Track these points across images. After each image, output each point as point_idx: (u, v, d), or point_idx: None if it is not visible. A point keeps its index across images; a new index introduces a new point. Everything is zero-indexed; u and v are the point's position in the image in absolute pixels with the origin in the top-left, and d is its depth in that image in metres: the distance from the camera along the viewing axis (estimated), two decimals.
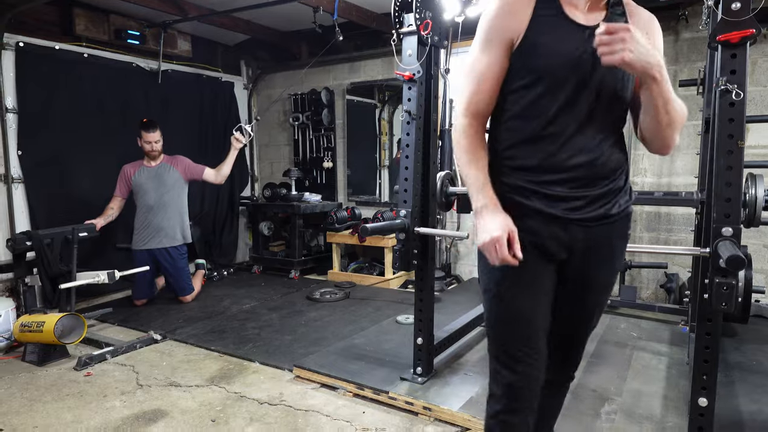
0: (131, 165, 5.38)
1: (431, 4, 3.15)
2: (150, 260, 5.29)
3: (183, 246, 5.53)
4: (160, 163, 5.41)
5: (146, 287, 5.41)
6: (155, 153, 5.33)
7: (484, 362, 3.66)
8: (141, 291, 5.38)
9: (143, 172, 5.34)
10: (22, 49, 5.07)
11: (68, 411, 3.18)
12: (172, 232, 5.41)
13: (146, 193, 5.30)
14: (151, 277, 5.41)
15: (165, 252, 5.36)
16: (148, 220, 5.31)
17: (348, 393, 3.34)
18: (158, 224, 5.32)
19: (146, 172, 5.35)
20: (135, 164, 5.39)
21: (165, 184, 5.37)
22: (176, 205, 5.47)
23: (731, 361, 3.70)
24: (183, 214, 5.55)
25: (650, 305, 4.82)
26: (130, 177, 5.33)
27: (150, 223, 5.31)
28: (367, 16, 5.91)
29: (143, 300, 5.40)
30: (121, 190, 5.36)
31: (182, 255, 5.50)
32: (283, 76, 7.58)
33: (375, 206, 6.96)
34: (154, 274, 5.45)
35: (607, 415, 2.94)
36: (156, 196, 5.32)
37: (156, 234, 5.32)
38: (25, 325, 3.97)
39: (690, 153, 4.95)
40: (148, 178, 5.33)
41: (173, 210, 5.43)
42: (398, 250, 3.19)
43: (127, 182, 5.34)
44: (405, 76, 3.13)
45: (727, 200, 2.27)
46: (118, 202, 5.36)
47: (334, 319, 4.88)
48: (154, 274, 5.45)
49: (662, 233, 5.16)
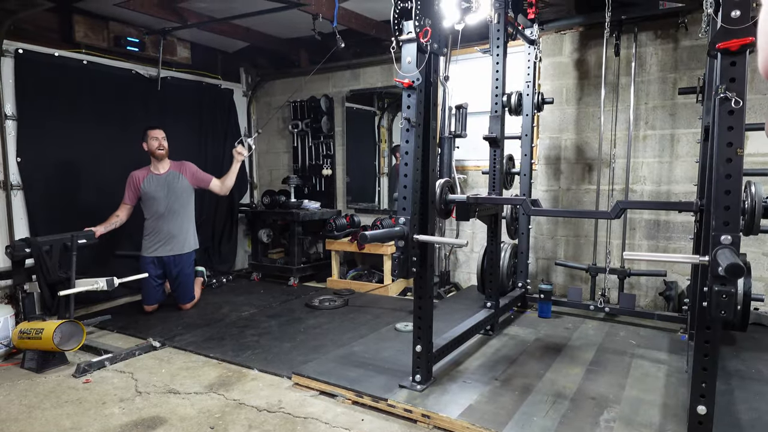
0: (139, 171, 5.35)
1: (431, 12, 3.16)
2: (159, 267, 5.32)
3: (192, 253, 5.56)
4: (169, 171, 5.39)
5: (157, 292, 5.41)
6: (162, 152, 5.31)
7: (484, 370, 3.67)
8: (152, 296, 5.36)
9: (152, 180, 5.32)
10: (22, 55, 5.08)
11: (67, 418, 3.17)
12: (182, 240, 5.43)
13: (156, 202, 5.29)
14: (161, 282, 5.42)
15: (175, 259, 5.37)
16: (158, 228, 5.31)
17: (347, 400, 3.33)
18: (168, 232, 5.33)
19: (155, 180, 5.32)
20: (143, 171, 5.36)
21: (174, 192, 5.36)
22: (186, 212, 5.49)
23: (730, 368, 3.69)
24: (191, 221, 5.58)
25: (649, 313, 4.82)
26: (139, 184, 5.30)
27: (160, 231, 5.31)
28: (367, 23, 5.93)
29: (154, 306, 5.39)
30: (129, 198, 5.32)
31: (191, 262, 5.54)
32: (282, 83, 7.60)
33: (374, 213, 6.97)
34: (163, 280, 5.46)
35: (606, 423, 2.94)
36: (166, 205, 5.31)
37: (167, 242, 5.33)
38: (23, 332, 3.97)
39: (689, 161, 4.96)
40: (157, 186, 5.31)
41: (183, 217, 5.45)
42: (397, 258, 3.19)
43: (136, 189, 5.31)
44: (404, 84, 3.14)
45: (726, 208, 2.28)
46: (127, 209, 5.33)
47: (333, 326, 4.87)
48: (163, 280, 5.46)
49: (661, 241, 5.17)
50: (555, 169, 5.66)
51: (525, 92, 4.94)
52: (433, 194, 3.38)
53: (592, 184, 5.43)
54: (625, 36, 5.15)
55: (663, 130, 5.10)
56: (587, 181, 5.49)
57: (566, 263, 5.48)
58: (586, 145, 5.47)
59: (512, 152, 5.12)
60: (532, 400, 3.19)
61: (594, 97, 5.36)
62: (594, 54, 5.37)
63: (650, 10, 4.83)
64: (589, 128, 5.44)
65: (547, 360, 3.86)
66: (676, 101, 5.00)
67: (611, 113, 5.27)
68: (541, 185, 5.72)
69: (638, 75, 5.15)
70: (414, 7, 3.00)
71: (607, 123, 5.27)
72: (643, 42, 5.12)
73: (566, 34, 5.49)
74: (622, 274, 5.01)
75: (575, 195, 5.57)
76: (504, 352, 4.06)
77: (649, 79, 5.13)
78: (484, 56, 4.98)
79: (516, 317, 4.98)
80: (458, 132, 5.50)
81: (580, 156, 5.51)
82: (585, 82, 5.44)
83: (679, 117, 5.02)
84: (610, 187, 5.29)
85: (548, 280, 5.73)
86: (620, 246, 5.25)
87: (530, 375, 3.58)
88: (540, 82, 5.55)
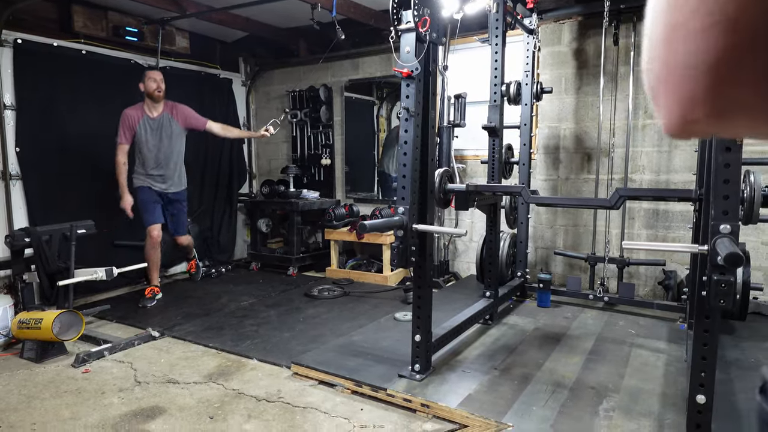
0: (133, 110, 5.32)
1: (429, 1, 3.15)
2: (155, 197, 5.43)
3: (184, 191, 5.69)
4: (162, 113, 5.41)
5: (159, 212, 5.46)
6: (160, 94, 5.32)
7: (483, 359, 3.68)
8: (156, 215, 5.42)
9: (146, 123, 5.33)
10: (21, 46, 5.06)
11: (66, 408, 3.18)
12: (176, 180, 5.58)
13: (149, 145, 5.35)
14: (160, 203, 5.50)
15: (168, 194, 5.52)
16: (150, 169, 5.39)
17: (346, 390, 3.34)
18: (162, 174, 5.44)
19: (150, 123, 5.34)
20: (136, 110, 5.33)
21: (168, 137, 5.43)
22: (178, 154, 5.57)
23: (729, 358, 3.70)
24: (182, 162, 5.67)
25: (648, 302, 4.83)
26: (135, 124, 5.30)
27: (153, 173, 5.40)
28: (366, 13, 5.90)
29: (158, 225, 5.43)
30: (126, 137, 5.30)
31: (184, 198, 5.69)
32: (281, 72, 7.57)
33: (373, 203, 6.97)
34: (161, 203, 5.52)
35: (605, 412, 2.95)
36: (159, 149, 5.39)
37: (161, 182, 5.45)
38: (23, 322, 3.97)
39: (688, 150, 4.95)
40: (152, 130, 5.34)
41: (175, 159, 5.54)
42: (396, 247, 3.19)
43: (132, 128, 5.30)
44: (403, 73, 3.13)
45: (725, 197, 2.28)
46: (125, 150, 5.32)
47: (332, 316, 4.88)
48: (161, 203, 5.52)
49: (660, 230, 5.17)
50: (554, 159, 5.65)
51: (524, 82, 4.92)
52: (432, 184, 3.38)
53: (591, 174, 5.43)
54: (624, 25, 5.13)
55: None
56: (586, 170, 5.48)
57: (565, 253, 5.48)
58: (585, 134, 5.46)
59: (511, 142, 5.11)
60: (531, 390, 3.20)
61: (593, 86, 5.34)
62: (593, 43, 5.35)
63: None
64: (588, 117, 5.43)
65: (547, 349, 3.87)
66: None
67: (610, 102, 5.26)
68: (540, 175, 5.71)
69: (637, 64, 5.13)
70: None
71: (606, 112, 5.26)
72: (642, 31, 5.08)
73: (565, 23, 5.47)
74: (621, 263, 5.01)
75: (574, 184, 5.56)
76: (503, 341, 4.07)
77: None
78: (483, 46, 4.96)
79: (515, 307, 4.99)
80: (457, 121, 5.49)
81: (579, 145, 5.50)
82: (584, 71, 5.42)
83: None
84: (609, 177, 5.29)
85: (547, 269, 5.74)
86: (619, 235, 5.25)
87: (529, 364, 3.59)
88: (539, 71, 5.53)
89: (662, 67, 0.43)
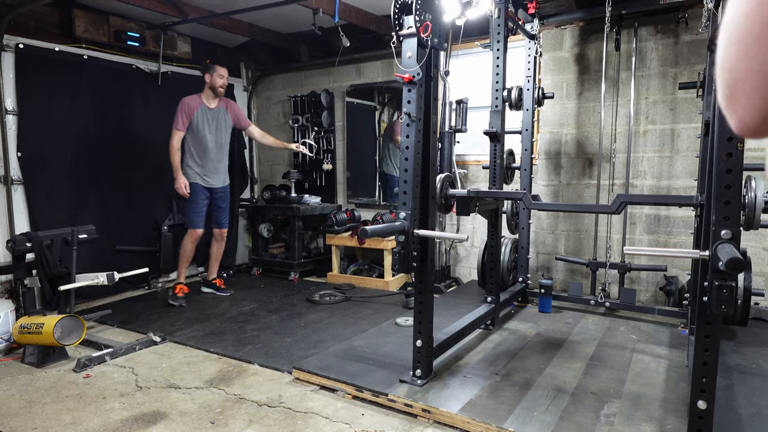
0: (191, 99, 5.46)
1: (431, 7, 3.16)
2: (207, 192, 5.57)
3: (229, 185, 5.86)
4: (219, 107, 5.59)
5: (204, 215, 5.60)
6: (222, 90, 5.55)
7: (484, 364, 3.67)
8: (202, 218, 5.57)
9: (204, 113, 5.48)
10: (22, 50, 5.08)
11: (67, 413, 3.18)
12: (223, 173, 5.75)
13: (205, 136, 5.49)
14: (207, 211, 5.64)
15: (217, 189, 5.66)
16: (204, 161, 5.52)
17: (347, 395, 3.34)
18: (215, 166, 5.60)
19: (207, 113, 5.50)
20: (195, 100, 5.48)
21: (222, 129, 5.62)
22: (227, 148, 5.77)
23: (731, 363, 3.70)
24: (228, 157, 5.85)
25: (649, 308, 4.82)
26: (193, 112, 5.42)
27: (207, 164, 5.54)
28: (367, 18, 5.91)
29: (202, 230, 5.59)
30: (183, 124, 5.41)
31: (229, 191, 5.87)
32: (283, 77, 7.59)
33: (375, 208, 6.97)
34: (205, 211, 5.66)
35: (607, 417, 2.94)
36: (214, 139, 5.55)
37: (213, 174, 5.59)
38: (24, 327, 3.97)
39: (690, 155, 4.96)
40: (209, 120, 5.51)
41: (225, 152, 5.73)
42: (398, 253, 3.19)
43: (189, 116, 5.42)
44: (405, 78, 3.14)
45: (727, 203, 2.28)
46: (181, 137, 5.43)
47: (334, 321, 4.88)
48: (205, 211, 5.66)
49: (662, 236, 5.17)
50: (555, 164, 5.65)
51: (525, 87, 4.93)
52: (434, 189, 3.38)
53: (592, 179, 5.43)
54: (626, 31, 5.14)
55: (663, 124, 5.09)
56: (587, 175, 5.48)
57: (567, 258, 5.48)
58: (586, 139, 5.46)
59: (513, 147, 5.11)
60: (532, 395, 3.20)
61: (594, 92, 5.35)
62: (594, 49, 5.36)
63: (650, 5, 4.83)
64: (589, 123, 5.43)
65: (548, 355, 3.87)
66: (677, 96, 5.00)
67: (611, 108, 5.27)
68: (541, 180, 5.72)
69: (638, 70, 5.15)
70: (414, 1, 3.00)
71: (608, 118, 5.26)
72: (644, 37, 5.11)
73: (566, 28, 5.48)
74: (622, 268, 5.01)
75: (575, 190, 5.56)
76: (504, 346, 4.06)
77: (649, 73, 5.12)
78: (485, 51, 4.98)
79: (516, 312, 4.99)
80: (458, 127, 5.50)
81: (581, 151, 5.50)
82: (585, 76, 5.43)
83: (679, 112, 5.02)
84: (611, 182, 5.29)
85: (549, 274, 5.73)
86: (621, 241, 5.25)
87: (531, 370, 3.59)
88: (540, 76, 5.54)
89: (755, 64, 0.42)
